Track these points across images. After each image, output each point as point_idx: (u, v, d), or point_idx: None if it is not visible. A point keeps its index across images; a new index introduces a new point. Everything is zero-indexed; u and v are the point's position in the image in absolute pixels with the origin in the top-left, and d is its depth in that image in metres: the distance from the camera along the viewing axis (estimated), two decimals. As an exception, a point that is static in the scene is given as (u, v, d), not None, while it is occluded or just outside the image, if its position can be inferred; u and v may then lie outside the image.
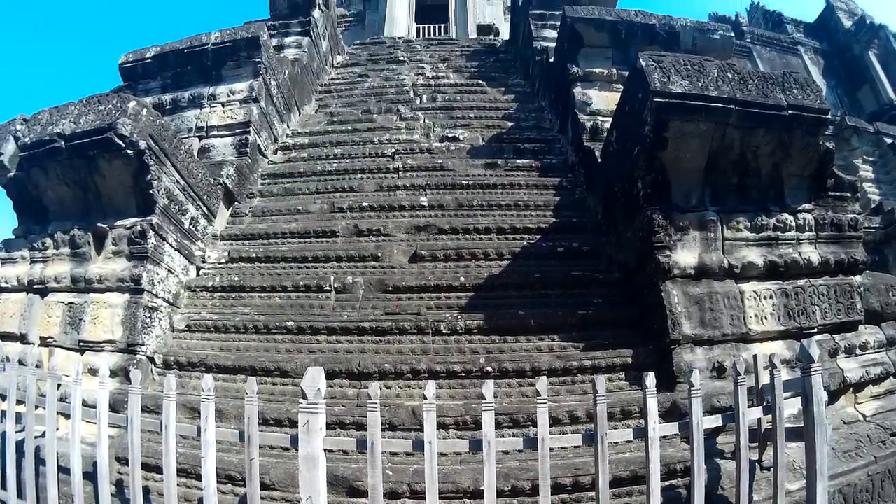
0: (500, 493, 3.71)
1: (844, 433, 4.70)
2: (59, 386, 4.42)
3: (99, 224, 5.70)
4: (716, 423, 3.88)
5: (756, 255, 5.07)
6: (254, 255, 6.73)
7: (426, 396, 3.48)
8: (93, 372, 5.00)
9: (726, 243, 5.11)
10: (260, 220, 7.49)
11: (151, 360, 5.42)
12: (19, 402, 4.33)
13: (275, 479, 4.09)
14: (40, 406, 4.30)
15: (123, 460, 4.22)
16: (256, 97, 8.46)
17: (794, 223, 5.20)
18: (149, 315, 5.48)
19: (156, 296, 5.62)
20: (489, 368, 4.94)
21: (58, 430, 4.27)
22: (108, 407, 4.07)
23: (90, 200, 5.79)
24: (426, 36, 19.12)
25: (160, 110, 7.73)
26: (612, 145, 6.18)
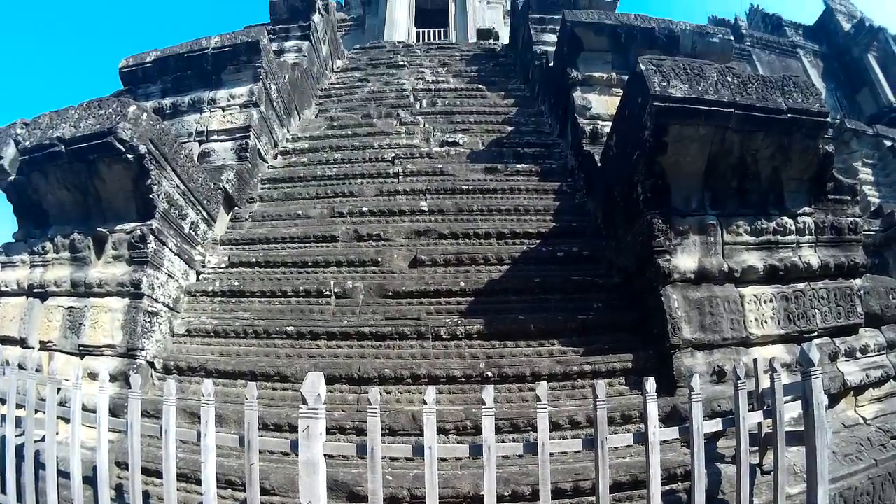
0: (501, 499, 3.70)
1: (845, 436, 4.69)
2: (58, 390, 4.41)
3: (99, 228, 5.70)
4: (716, 427, 3.88)
5: (756, 259, 5.07)
6: (254, 259, 6.73)
7: (426, 402, 3.48)
8: (93, 376, 4.99)
9: (726, 247, 5.10)
10: (260, 224, 7.49)
11: (151, 364, 5.42)
12: (19, 407, 4.33)
13: (275, 484, 4.09)
14: (40, 410, 4.29)
15: (123, 465, 4.23)
16: (256, 102, 8.47)
17: (793, 227, 5.20)
18: (149, 320, 5.48)
19: (156, 300, 5.62)
20: (489, 373, 4.93)
21: (57, 434, 4.26)
22: (108, 411, 4.07)
23: (90, 204, 5.79)
24: (426, 40, 19.14)
25: (160, 115, 7.75)
26: (611, 149, 6.18)
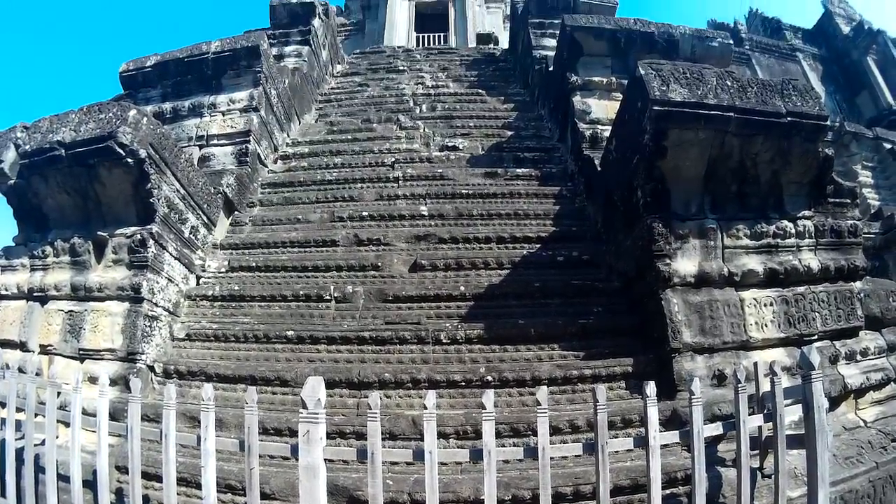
0: (501, 503, 3.70)
1: (846, 439, 4.69)
2: (58, 394, 4.41)
3: (99, 232, 5.70)
4: (716, 430, 3.88)
5: (756, 263, 5.07)
6: (254, 264, 6.73)
7: (426, 406, 3.48)
8: (93, 380, 4.99)
9: (726, 251, 5.10)
10: (260, 229, 7.50)
11: (151, 368, 5.42)
12: (19, 410, 4.32)
13: (275, 489, 4.08)
14: (40, 414, 4.29)
15: (123, 469, 4.21)
16: (256, 106, 8.47)
17: (793, 230, 5.20)
18: (149, 324, 5.48)
19: (156, 304, 5.62)
20: (489, 378, 4.93)
21: (57, 437, 4.26)
22: (108, 415, 4.07)
23: (90, 209, 5.80)
24: (426, 45, 19.16)
25: (160, 119, 7.75)
26: (611, 154, 6.19)
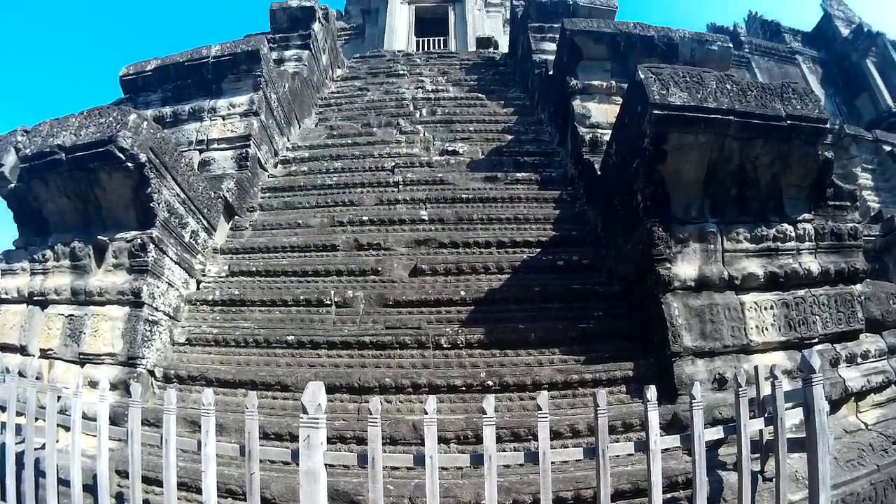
0: (502, 507, 3.70)
1: (846, 442, 4.68)
2: (59, 398, 4.42)
3: (99, 237, 5.71)
4: (717, 434, 3.88)
5: (756, 266, 5.07)
6: (254, 268, 6.73)
7: (427, 411, 3.48)
8: (93, 384, 5.00)
9: (726, 255, 5.11)
10: (260, 233, 7.50)
11: (152, 373, 5.41)
12: (19, 414, 4.33)
13: (275, 494, 4.07)
14: (40, 418, 4.30)
15: (123, 473, 4.22)
16: (257, 110, 8.49)
17: (793, 233, 5.20)
18: (149, 328, 5.48)
19: (156, 309, 5.62)
20: (490, 382, 4.92)
21: (58, 442, 4.27)
22: (109, 420, 4.07)
23: (90, 213, 5.80)
24: (426, 49, 19.17)
25: (161, 123, 7.77)
26: (611, 158, 6.19)
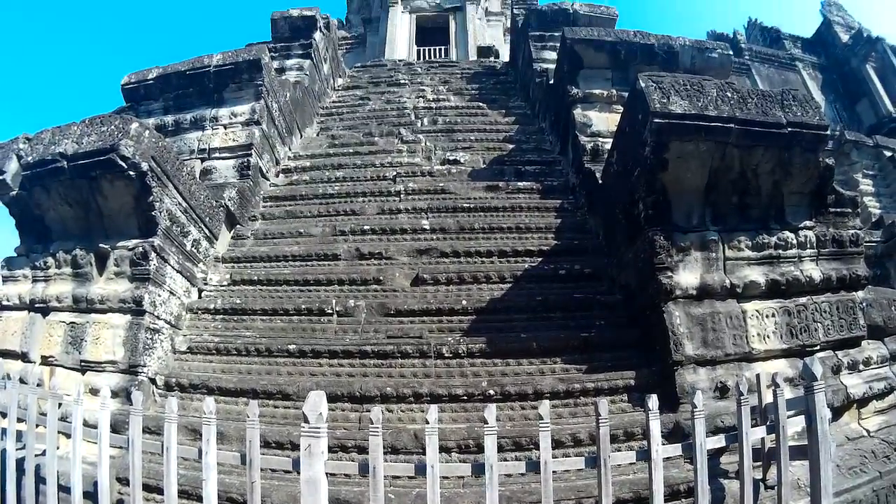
0: (503, 517, 3.69)
1: (849, 449, 4.67)
2: (59, 405, 4.41)
3: (101, 245, 5.71)
4: (719, 443, 3.87)
5: (758, 274, 5.06)
6: (255, 277, 6.73)
7: (428, 421, 3.47)
8: (94, 392, 5.00)
9: (728, 263, 5.10)
10: (262, 242, 7.50)
11: (153, 381, 5.41)
12: (20, 421, 4.33)
13: (276, 502, 4.05)
14: (41, 425, 4.29)
15: (124, 480, 4.20)
16: (258, 119, 8.50)
17: (795, 241, 5.20)
18: (150, 336, 5.48)
19: (157, 317, 5.62)
20: (491, 392, 4.91)
21: (58, 448, 4.26)
22: (110, 427, 4.07)
23: (92, 220, 5.80)
24: (427, 58, 19.20)
25: (162, 132, 7.79)
26: (612, 167, 6.20)
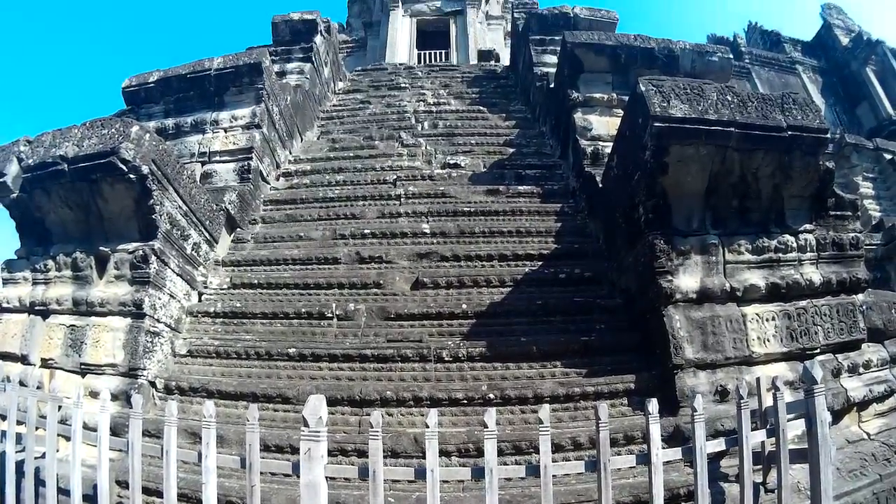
0: (503, 521, 3.68)
1: (849, 452, 4.66)
2: (59, 408, 4.40)
3: (101, 248, 5.72)
4: (719, 447, 3.86)
5: (758, 278, 5.06)
6: (256, 281, 6.73)
7: (428, 425, 3.47)
8: (94, 395, 4.99)
9: (728, 266, 5.10)
10: (262, 246, 7.50)
11: (153, 384, 5.41)
12: (20, 423, 4.32)
13: (276, 507, 4.06)
14: (41, 427, 4.29)
15: (124, 483, 4.20)
16: (259, 123, 8.51)
17: (795, 244, 5.20)
18: (150, 339, 5.48)
19: (157, 320, 5.62)
20: (491, 395, 4.90)
21: (58, 451, 4.25)
22: (109, 430, 4.06)
23: (92, 223, 5.81)
24: (427, 62, 19.24)
25: (163, 135, 7.80)
26: (612, 170, 6.20)
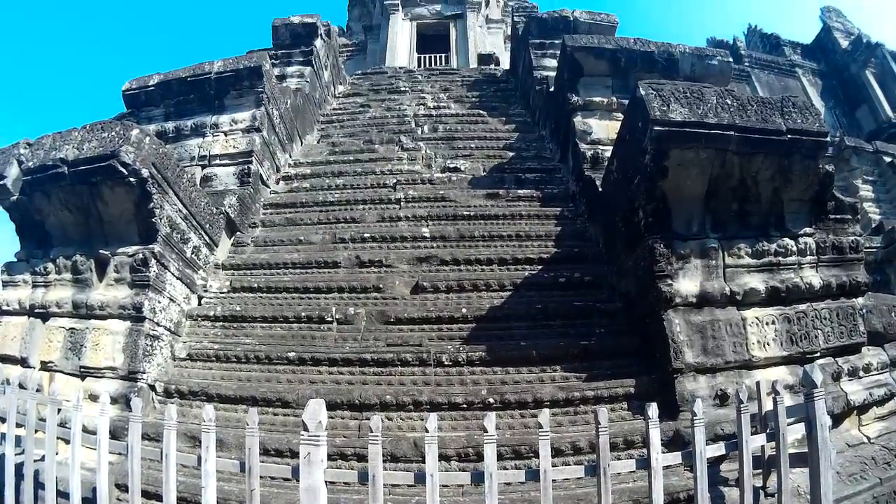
0: (503, 525, 3.67)
1: (849, 456, 4.66)
2: (59, 411, 4.41)
3: (101, 251, 5.72)
4: (719, 451, 3.85)
5: (758, 282, 5.06)
6: (255, 285, 6.73)
7: (428, 429, 3.47)
8: (93, 398, 4.99)
9: (728, 270, 5.10)
10: (262, 250, 7.50)
11: (152, 387, 5.41)
12: (19, 426, 4.32)
13: (275, 511, 4.05)
14: (40, 430, 4.29)
15: (123, 487, 4.21)
16: (259, 127, 8.51)
17: (795, 248, 5.20)
18: (150, 343, 5.48)
19: (157, 324, 5.62)
20: (491, 400, 4.90)
21: (57, 454, 4.26)
22: (109, 433, 4.06)
23: (92, 226, 5.81)
24: (427, 65, 19.22)
25: (163, 138, 7.79)
26: (612, 174, 6.20)
